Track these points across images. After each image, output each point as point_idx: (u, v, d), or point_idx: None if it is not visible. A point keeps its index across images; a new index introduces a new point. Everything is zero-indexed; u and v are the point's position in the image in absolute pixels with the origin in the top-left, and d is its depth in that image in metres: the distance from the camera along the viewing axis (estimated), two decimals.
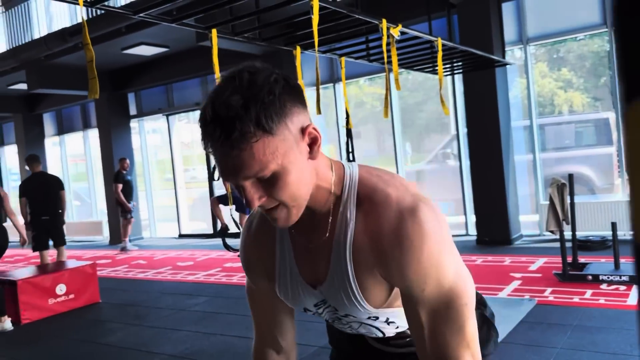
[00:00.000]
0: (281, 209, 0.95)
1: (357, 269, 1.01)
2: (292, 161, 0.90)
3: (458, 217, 8.30)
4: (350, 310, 1.08)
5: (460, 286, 0.99)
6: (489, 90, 7.00)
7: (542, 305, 4.34)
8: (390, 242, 0.96)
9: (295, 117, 0.91)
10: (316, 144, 0.94)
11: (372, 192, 1.00)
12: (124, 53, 9.59)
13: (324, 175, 1.01)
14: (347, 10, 3.76)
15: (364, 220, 1.00)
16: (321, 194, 1.01)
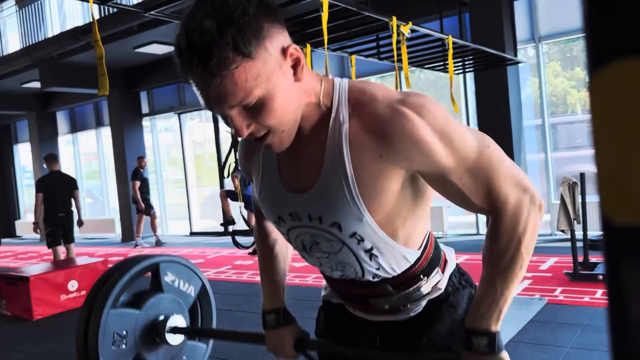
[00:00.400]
0: (272, 135, 0.93)
1: (357, 164, 0.97)
2: (277, 84, 0.88)
3: (468, 217, 8.27)
4: (342, 216, 1.00)
5: (476, 139, 0.98)
6: (500, 89, 6.96)
7: (552, 305, 4.31)
8: (394, 127, 0.92)
9: (275, 38, 0.87)
10: (299, 65, 0.91)
11: (362, 93, 0.98)
12: (136, 52, 9.66)
13: (312, 91, 0.98)
14: (357, 7, 3.76)
15: (358, 118, 0.97)
16: (310, 110, 0.99)
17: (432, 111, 0.93)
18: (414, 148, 0.93)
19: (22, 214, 14.88)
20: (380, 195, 0.99)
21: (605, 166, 0.22)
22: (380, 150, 0.94)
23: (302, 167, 1.03)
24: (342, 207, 0.99)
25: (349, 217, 1.00)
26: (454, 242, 7.61)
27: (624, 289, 0.23)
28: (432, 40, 5.26)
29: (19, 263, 9.46)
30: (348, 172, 0.97)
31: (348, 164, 0.96)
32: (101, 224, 12.47)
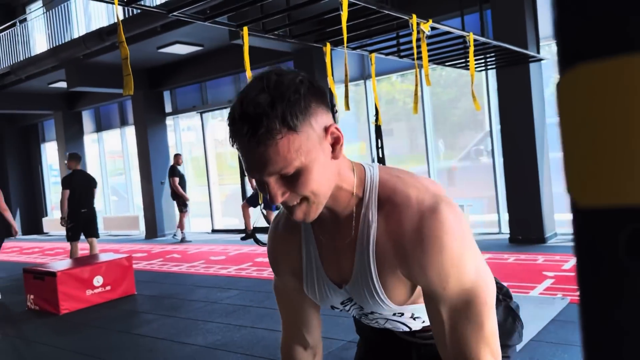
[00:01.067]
0: (302, 205, 0.98)
1: (380, 269, 1.04)
2: (315, 158, 0.94)
3: (491, 215, 8.21)
4: (375, 308, 1.11)
5: (480, 285, 1.01)
6: (522, 86, 6.89)
7: (575, 304, 4.27)
8: (412, 241, 0.99)
9: (320, 116, 0.95)
10: (338, 144, 0.98)
11: (393, 193, 1.03)
12: (159, 52, 9.80)
13: (345, 176, 1.04)
14: (377, 6, 3.77)
15: (386, 222, 1.03)
16: (343, 195, 1.04)
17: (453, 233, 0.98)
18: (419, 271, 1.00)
19: (49, 211, 15.21)
20: (402, 292, 1.08)
21: (571, 156, 0.25)
22: (396, 262, 1.03)
23: (339, 259, 1.10)
24: (374, 304, 1.09)
25: (381, 309, 1.11)
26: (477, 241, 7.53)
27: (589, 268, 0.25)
28: (453, 38, 5.23)
29: (46, 259, 9.68)
30: (374, 277, 1.05)
31: (374, 269, 1.05)
32: (125, 220, 12.68)
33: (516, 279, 5.22)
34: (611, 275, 0.25)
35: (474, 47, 5.57)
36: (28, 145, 15.40)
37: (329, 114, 0.98)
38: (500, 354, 1.03)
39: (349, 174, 1.04)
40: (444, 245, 0.97)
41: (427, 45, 5.68)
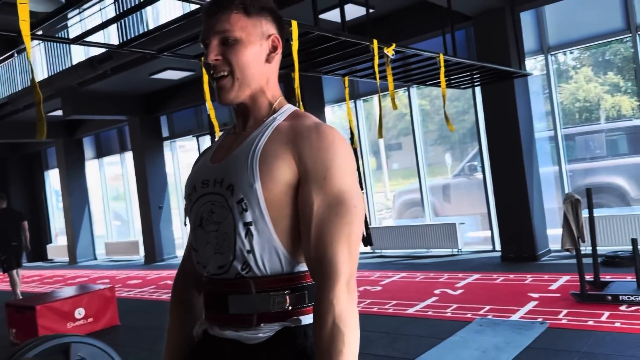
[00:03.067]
0: (228, 79, 1.14)
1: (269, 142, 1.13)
2: (253, 42, 1.14)
3: (485, 232, 8.07)
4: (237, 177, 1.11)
5: (354, 192, 1.09)
6: (508, 102, 6.80)
7: (554, 329, 4.13)
8: (309, 130, 1.12)
9: (271, 24, 1.18)
10: (275, 52, 1.18)
11: (300, 114, 1.20)
12: (152, 78, 9.86)
13: (272, 88, 1.21)
14: (332, 33, 3.74)
15: (290, 121, 1.17)
16: (263, 102, 1.20)
17: (344, 143, 1.12)
18: (310, 149, 1.09)
19: (53, 237, 15.31)
20: (273, 173, 1.09)
21: None
22: (288, 138, 1.12)
23: (234, 145, 1.19)
24: (240, 170, 1.12)
25: (243, 180, 1.11)
26: (468, 260, 7.43)
27: None
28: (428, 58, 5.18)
29: (43, 288, 9.70)
30: (258, 146, 1.13)
31: (262, 141, 1.14)
32: (126, 246, 12.70)
33: (500, 301, 5.09)
34: None
35: (453, 65, 5.53)
36: (32, 173, 15.56)
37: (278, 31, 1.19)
38: (357, 257, 1.08)
39: (276, 91, 1.22)
40: (336, 145, 1.10)
41: (409, 65, 5.66)
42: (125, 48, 3.80)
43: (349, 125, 5.17)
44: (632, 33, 6.52)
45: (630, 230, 6.42)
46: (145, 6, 3.38)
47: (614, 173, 7.19)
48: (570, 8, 6.87)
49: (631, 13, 6.49)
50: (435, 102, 8.65)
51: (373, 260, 8.34)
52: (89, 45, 3.63)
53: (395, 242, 8.50)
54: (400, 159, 9.72)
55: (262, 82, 1.18)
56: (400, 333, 4.52)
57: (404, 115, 8.97)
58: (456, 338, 4.19)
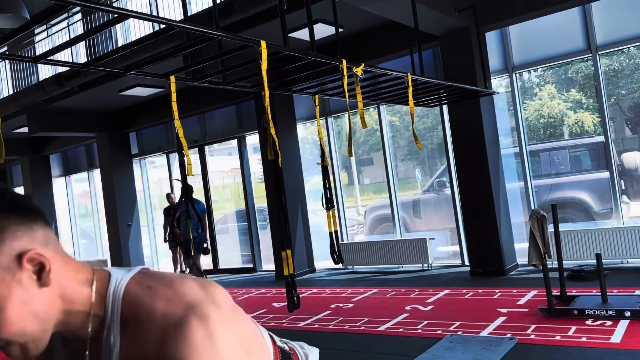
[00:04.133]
0: (13, 346, 0.83)
1: None
2: (6, 296, 0.79)
3: (454, 247, 8.17)
4: None
5: None
6: (474, 120, 6.94)
7: (523, 345, 4.19)
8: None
9: (7, 244, 0.80)
10: (44, 270, 0.82)
11: (138, 308, 0.87)
12: (121, 95, 9.75)
13: (76, 297, 0.87)
14: (302, 53, 3.77)
15: (129, 344, 0.86)
16: (79, 318, 0.88)
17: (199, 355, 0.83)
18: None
19: None
20: None
21: None
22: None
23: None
24: None
25: None
26: (438, 275, 7.50)
27: None
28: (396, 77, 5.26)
29: None
30: None
31: None
32: (94, 264, 12.35)
33: (469, 317, 5.14)
34: None
35: (420, 85, 5.63)
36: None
37: (29, 234, 0.83)
38: None
39: (82, 292, 0.88)
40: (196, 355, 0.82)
41: (378, 84, 5.74)
42: (92, 67, 3.76)
43: (320, 143, 5.20)
44: (592, 53, 6.75)
45: (594, 244, 6.58)
46: (111, 25, 3.35)
47: (577, 188, 7.38)
48: (534, 29, 7.08)
49: (591, 34, 6.72)
50: (405, 118, 8.76)
51: (345, 277, 8.34)
52: (54, 64, 3.58)
53: (367, 258, 8.53)
54: (372, 174, 9.81)
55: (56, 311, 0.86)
56: (372, 351, 4.52)
57: (375, 131, 9.06)
58: (427, 355, 4.21)
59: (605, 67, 6.91)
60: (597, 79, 6.80)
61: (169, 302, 0.86)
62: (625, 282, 5.69)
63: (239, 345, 0.89)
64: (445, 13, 6.34)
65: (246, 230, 10.24)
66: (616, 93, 7.09)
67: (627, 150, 7.12)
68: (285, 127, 8.94)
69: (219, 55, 3.98)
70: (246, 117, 10.16)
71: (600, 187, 7.17)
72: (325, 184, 5.27)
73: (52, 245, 0.86)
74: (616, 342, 3.99)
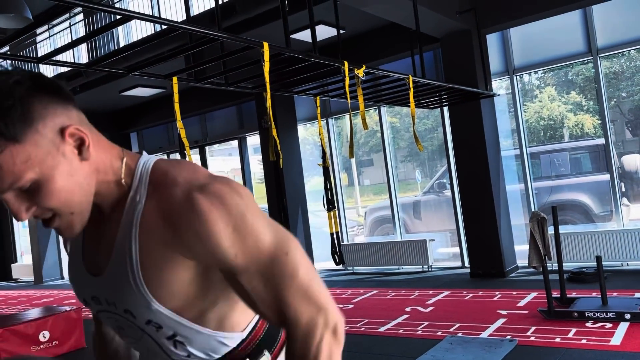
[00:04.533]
0: (59, 219, 0.89)
1: (144, 249, 0.92)
2: (54, 166, 0.84)
3: (454, 249, 8.18)
4: (129, 303, 0.95)
5: (275, 241, 0.93)
6: (475, 122, 6.95)
7: (523, 347, 4.20)
8: (184, 213, 0.89)
9: (50, 119, 0.84)
10: (84, 144, 0.88)
11: (164, 175, 0.95)
12: (122, 95, 9.77)
13: (109, 168, 0.95)
14: (304, 55, 3.78)
15: (155, 201, 0.93)
16: (108, 187, 0.95)
17: (229, 203, 0.90)
18: (198, 241, 0.89)
19: (18, 256, 14.89)
20: (168, 284, 0.93)
21: None
22: (167, 237, 0.91)
23: (101, 248, 0.99)
24: (129, 294, 0.94)
25: (137, 305, 0.95)
26: (438, 276, 7.51)
27: None
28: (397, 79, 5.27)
29: (7, 309, 9.41)
30: (133, 258, 0.93)
31: (135, 248, 0.93)
32: None
33: (469, 319, 5.15)
34: None
35: (422, 87, 5.64)
36: None
37: (67, 112, 0.87)
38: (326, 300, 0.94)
39: (115, 164, 0.96)
40: (220, 211, 0.89)
41: (379, 86, 5.75)
42: (94, 67, 3.77)
43: (321, 144, 5.22)
44: (593, 55, 6.76)
45: (594, 246, 6.59)
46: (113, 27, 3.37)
47: (577, 190, 7.40)
48: (535, 31, 7.09)
49: (592, 37, 6.74)
50: (405, 120, 8.78)
51: (345, 278, 8.35)
52: (57, 64, 3.59)
53: (367, 259, 8.54)
54: (372, 176, 9.83)
55: (94, 183, 0.93)
56: (372, 352, 4.53)
57: (375, 132, 9.08)
58: (427, 357, 4.22)
59: (606, 69, 6.92)
60: (598, 82, 6.82)
61: (193, 173, 0.95)
62: (625, 285, 5.70)
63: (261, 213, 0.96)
64: (447, 15, 6.36)
65: None
66: (616, 95, 7.11)
67: (628, 153, 7.13)
68: (286, 128, 8.96)
69: (221, 57, 3.99)
70: (247, 118, 10.17)
71: (601, 189, 7.19)
72: (326, 185, 5.28)
73: (85, 124, 0.92)
74: (616, 344, 4.00)
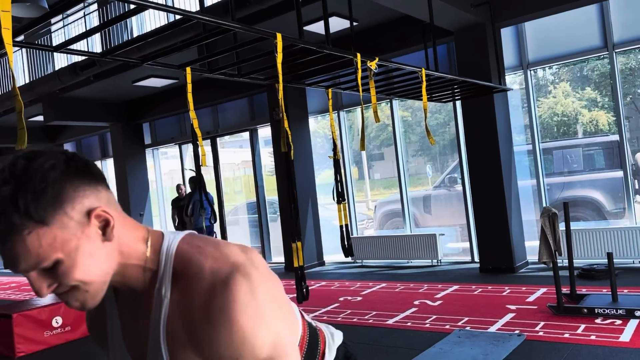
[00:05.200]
0: (75, 293, 0.92)
1: (172, 349, 0.97)
2: (77, 248, 0.88)
3: (464, 244, 8.16)
4: None
5: (271, 352, 0.95)
6: (488, 116, 6.91)
7: (531, 341, 4.20)
8: (200, 316, 0.92)
9: (78, 202, 0.88)
10: (109, 226, 0.91)
11: (188, 264, 0.96)
12: (135, 85, 9.82)
13: (133, 252, 0.97)
14: (317, 46, 3.78)
15: (179, 296, 0.95)
16: (134, 271, 0.98)
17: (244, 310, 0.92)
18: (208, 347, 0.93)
19: None
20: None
21: None
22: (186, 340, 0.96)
23: (138, 332, 1.03)
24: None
25: None
26: (448, 271, 7.50)
27: None
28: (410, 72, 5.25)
29: (20, 295, 9.54)
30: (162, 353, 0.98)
31: (164, 351, 0.98)
32: None
33: (478, 313, 5.15)
34: None
35: (434, 80, 5.62)
36: None
37: (96, 194, 0.91)
38: None
39: (139, 247, 0.97)
40: (233, 320, 0.91)
41: (391, 79, 5.73)
42: (109, 56, 3.80)
43: (332, 136, 5.22)
44: (609, 50, 6.69)
45: (605, 243, 6.55)
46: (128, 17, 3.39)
47: (590, 187, 7.34)
48: (550, 25, 7.03)
49: (608, 31, 6.66)
50: (417, 114, 8.75)
51: (354, 270, 8.37)
52: (72, 53, 3.62)
53: (377, 253, 8.55)
54: (382, 170, 9.81)
55: (115, 264, 0.95)
56: (379, 344, 4.55)
57: (386, 126, 9.06)
58: (435, 349, 4.23)
59: (622, 65, 6.85)
60: (613, 77, 6.75)
61: (216, 261, 0.96)
62: (636, 282, 5.66)
63: (275, 304, 0.98)
64: (461, 8, 6.31)
65: (256, 222, 10.30)
66: (632, 92, 7.03)
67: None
68: (298, 121, 8.96)
69: (234, 47, 3.99)
70: (258, 110, 10.19)
71: (614, 186, 7.13)
72: (336, 177, 5.29)
73: (113, 205, 0.95)
74: (625, 341, 3.98)
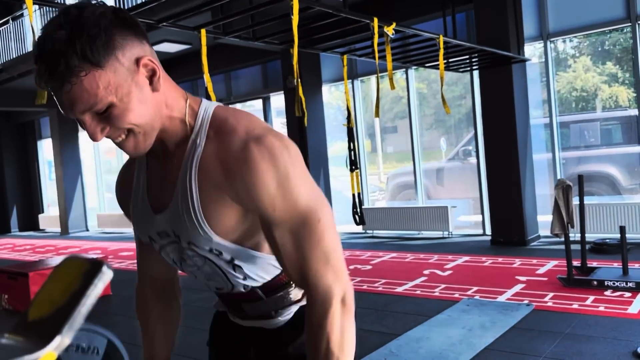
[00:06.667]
0: (129, 138, 0.97)
1: (202, 189, 1.02)
2: (128, 92, 0.92)
3: (476, 216, 8.15)
4: (192, 236, 1.05)
5: (311, 205, 1.00)
6: (505, 88, 6.82)
7: (539, 311, 4.22)
8: (237, 162, 0.97)
9: (128, 49, 0.92)
10: (156, 75, 0.96)
11: (224, 122, 1.02)
12: None
13: (175, 106, 1.02)
14: (333, 9, 3.73)
15: (214, 145, 1.01)
16: (174, 124, 1.03)
17: (278, 159, 0.97)
18: (244, 189, 0.98)
19: (45, 207, 15.29)
20: (225, 222, 1.03)
21: None
22: (220, 180, 1.00)
23: (165, 184, 1.08)
24: (191, 229, 1.04)
25: (199, 238, 1.05)
26: (458, 243, 7.52)
27: None
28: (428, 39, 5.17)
29: (35, 256, 9.73)
30: (194, 196, 1.02)
31: (195, 188, 1.02)
32: (118, 218, 12.69)
33: (487, 283, 5.17)
34: None
35: (452, 48, 5.53)
36: (25, 142, 15.45)
37: (142, 46, 0.95)
38: (343, 270, 1.02)
39: (180, 103, 1.03)
40: (270, 166, 0.96)
41: (408, 46, 5.66)
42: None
43: (347, 104, 5.19)
44: (632, 23, 6.52)
45: (619, 218, 6.50)
46: None
47: (606, 162, 7.26)
48: None
49: (632, 2, 6.49)
50: (432, 86, 8.64)
51: (365, 240, 8.41)
52: None
53: (387, 223, 8.57)
54: (395, 143, 9.76)
55: (162, 115, 1.00)
56: (388, 310, 4.60)
57: (401, 99, 8.97)
58: (443, 316, 4.27)
59: None
60: (635, 52, 6.60)
61: (250, 123, 1.02)
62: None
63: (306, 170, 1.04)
64: None
65: None
66: None
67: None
68: (311, 89, 8.90)
69: (249, 9, 3.95)
70: (272, 78, 10.13)
71: (630, 161, 7.04)
72: (350, 145, 5.28)
73: (156, 59, 0.98)
74: (633, 312, 3.99)
